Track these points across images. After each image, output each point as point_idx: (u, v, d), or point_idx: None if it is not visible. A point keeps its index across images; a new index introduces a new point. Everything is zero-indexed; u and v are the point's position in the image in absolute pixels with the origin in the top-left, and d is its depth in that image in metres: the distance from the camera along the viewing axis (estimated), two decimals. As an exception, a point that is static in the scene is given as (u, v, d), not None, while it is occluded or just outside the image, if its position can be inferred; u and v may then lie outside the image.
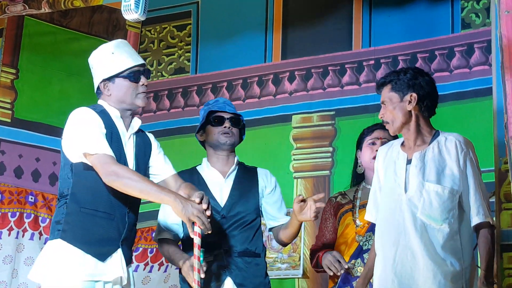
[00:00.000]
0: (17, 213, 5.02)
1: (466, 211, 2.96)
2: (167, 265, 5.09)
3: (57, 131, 5.23)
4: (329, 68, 5.09)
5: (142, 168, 3.12)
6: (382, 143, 3.43)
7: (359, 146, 3.60)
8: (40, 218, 5.08)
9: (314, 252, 3.58)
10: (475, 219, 2.91)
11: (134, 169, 3.06)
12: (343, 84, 5.03)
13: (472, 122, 4.53)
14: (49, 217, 5.10)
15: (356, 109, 4.91)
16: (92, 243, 2.93)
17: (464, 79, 4.65)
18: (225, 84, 5.39)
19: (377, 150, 3.40)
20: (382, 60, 4.92)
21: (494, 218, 3.09)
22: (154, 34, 5.76)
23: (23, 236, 5.01)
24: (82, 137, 2.96)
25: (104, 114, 3.05)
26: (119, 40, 3.25)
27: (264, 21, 5.35)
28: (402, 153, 3.05)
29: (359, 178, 3.61)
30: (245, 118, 3.57)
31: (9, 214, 5.00)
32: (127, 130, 3.11)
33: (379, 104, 3.17)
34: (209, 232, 2.92)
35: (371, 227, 3.36)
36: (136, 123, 3.14)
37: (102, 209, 2.97)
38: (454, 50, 4.73)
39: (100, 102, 3.14)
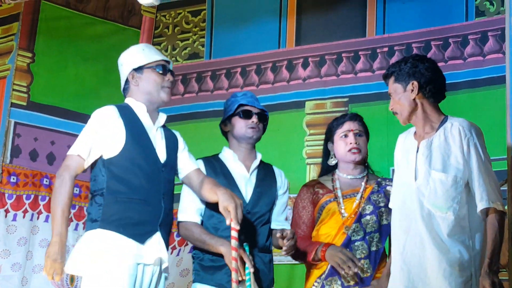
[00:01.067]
0: (32, 196, 5.07)
1: (474, 197, 2.95)
2: (180, 249, 5.12)
3: (73, 115, 5.30)
4: (343, 54, 5.09)
5: (173, 158, 3.25)
6: (355, 135, 3.47)
7: (330, 138, 3.59)
8: (55, 201, 5.13)
9: (304, 243, 3.46)
10: (479, 205, 2.88)
11: (165, 159, 3.19)
12: (356, 71, 5.03)
13: (485, 110, 4.52)
14: (64, 199, 5.15)
15: (370, 96, 4.92)
16: (130, 226, 3.03)
17: (478, 67, 4.64)
18: (239, 69, 5.41)
19: (350, 143, 3.45)
20: (396, 48, 4.92)
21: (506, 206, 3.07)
22: (169, 19, 5.78)
23: (38, 218, 5.07)
24: (79, 138, 3.15)
25: (127, 110, 3.18)
26: (147, 43, 3.43)
27: (278, 7, 5.35)
28: (413, 141, 3.06)
29: (329, 168, 3.61)
30: (258, 104, 3.60)
31: (24, 196, 5.05)
32: (153, 124, 3.23)
33: (392, 91, 3.18)
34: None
35: (358, 218, 3.38)
36: (162, 117, 3.27)
37: (137, 197, 3.08)
38: (468, 38, 4.72)
39: (126, 100, 3.27)
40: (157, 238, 3.08)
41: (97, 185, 3.12)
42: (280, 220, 3.50)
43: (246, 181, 3.43)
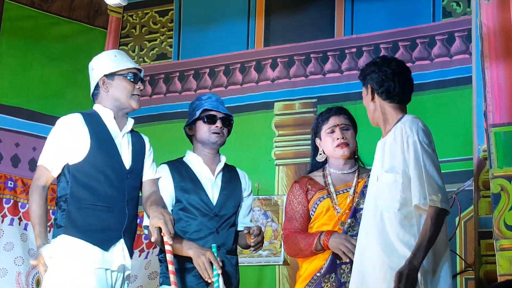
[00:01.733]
0: (-4, 199, 4.99)
1: None
2: (148, 251, 5.09)
3: (38, 116, 5.21)
4: (312, 55, 5.09)
5: (139, 165, 3.26)
6: (341, 129, 3.46)
7: (317, 134, 3.57)
8: (19, 204, 5.05)
9: (301, 235, 3.41)
10: (413, 201, 2.84)
11: (130, 165, 3.20)
12: (325, 72, 5.04)
13: (452, 110, 4.56)
14: (28, 202, 5.07)
15: (338, 97, 4.92)
16: (94, 233, 3.05)
17: (445, 68, 4.67)
18: (207, 70, 5.38)
19: (337, 138, 3.43)
20: (364, 48, 4.94)
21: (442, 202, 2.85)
22: (136, 19, 5.73)
23: (2, 221, 4.98)
24: (44, 147, 3.19)
25: (93, 117, 3.19)
26: (119, 50, 3.45)
27: (246, 7, 5.34)
28: (380, 143, 3.09)
29: (318, 164, 3.59)
30: (227, 105, 3.58)
31: (-12, 199, 4.97)
32: (120, 130, 3.23)
33: (360, 92, 3.20)
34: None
35: (353, 213, 3.36)
36: (130, 123, 3.27)
37: (101, 203, 3.09)
38: (435, 39, 4.75)
39: (95, 106, 3.27)
40: (121, 245, 3.09)
41: (61, 191, 3.14)
42: (245, 222, 3.50)
43: (212, 184, 3.42)
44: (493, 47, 2.72)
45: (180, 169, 3.41)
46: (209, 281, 3.17)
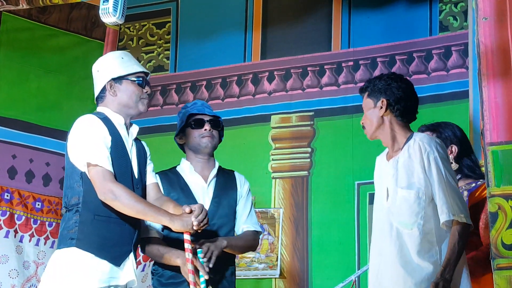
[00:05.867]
0: (-8, 211, 4.97)
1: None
2: (145, 264, 5.07)
3: (34, 128, 5.20)
4: (308, 68, 5.10)
5: (143, 173, 3.15)
6: None
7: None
8: (15, 216, 5.03)
9: None
10: (441, 218, 2.89)
11: (137, 174, 3.09)
12: (322, 85, 5.04)
13: (449, 124, 4.56)
14: (25, 214, 5.06)
15: (335, 110, 4.93)
16: (108, 249, 2.95)
17: (442, 82, 4.69)
18: (204, 83, 5.38)
19: None
20: (361, 62, 4.95)
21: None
22: (133, 32, 5.74)
23: (-3, 233, 4.97)
24: (86, 147, 2.98)
25: (107, 122, 3.06)
26: (125, 51, 3.33)
27: (243, 20, 5.35)
28: (385, 161, 3.09)
29: None
30: (224, 118, 3.56)
31: (-16, 211, 4.95)
32: (128, 136, 3.13)
33: (357, 105, 3.21)
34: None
35: None
36: (135, 129, 3.17)
37: (115, 215, 2.98)
38: (432, 53, 4.77)
39: (100, 109, 3.14)
40: (131, 260, 3.01)
41: (72, 199, 3.01)
42: (246, 225, 3.38)
43: (203, 193, 3.34)
44: (490, 66, 2.72)
45: (171, 179, 3.34)
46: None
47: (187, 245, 3.03)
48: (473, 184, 3.31)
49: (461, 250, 2.85)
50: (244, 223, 3.39)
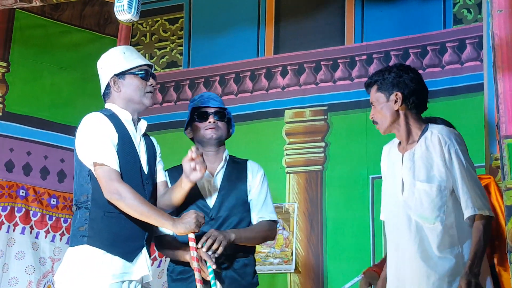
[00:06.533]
0: (8, 207, 4.99)
1: (460, 205, 2.91)
2: (161, 260, 5.08)
3: (48, 125, 5.23)
4: (322, 63, 5.09)
5: (152, 169, 3.15)
6: None
7: None
8: (31, 212, 5.06)
9: None
10: (465, 213, 2.85)
11: (146, 170, 3.09)
12: (335, 79, 5.03)
13: (463, 117, 4.53)
14: (40, 211, 5.09)
15: (348, 104, 4.92)
16: (119, 245, 2.96)
17: (456, 75, 4.66)
18: (217, 78, 5.39)
19: None
20: (374, 55, 4.93)
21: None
22: (146, 28, 5.74)
23: (14, 230, 4.99)
24: (93, 146, 2.99)
25: (114, 118, 3.06)
26: (128, 46, 3.31)
27: (256, 15, 5.34)
28: (398, 153, 3.03)
29: None
30: (237, 113, 3.57)
31: (0, 208, 4.98)
32: (136, 132, 3.12)
33: (371, 99, 3.17)
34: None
35: None
36: (143, 125, 3.16)
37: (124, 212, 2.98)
38: (446, 46, 4.74)
39: (108, 105, 3.14)
40: (144, 255, 3.02)
41: (81, 196, 3.02)
42: (260, 215, 3.34)
43: (209, 186, 3.32)
44: (505, 58, 2.70)
45: (176, 175, 3.28)
46: (207, 278, 3.07)
47: (192, 244, 3.03)
48: None
49: (486, 243, 2.82)
50: (258, 213, 3.35)
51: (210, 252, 3.10)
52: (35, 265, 4.97)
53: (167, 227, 3.01)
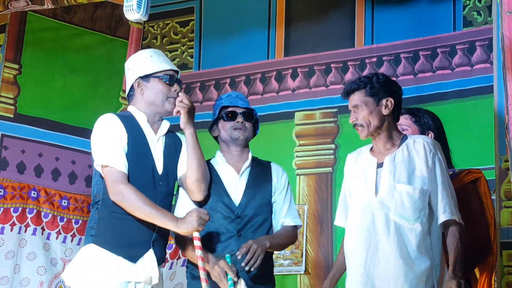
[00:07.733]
0: (20, 208, 5.03)
1: (434, 211, 3.00)
2: (172, 262, 5.09)
3: (60, 127, 5.27)
4: (332, 65, 5.10)
5: (170, 166, 3.14)
6: None
7: None
8: (42, 213, 5.10)
9: None
10: (442, 217, 2.96)
11: (161, 170, 3.10)
12: (345, 82, 5.02)
13: (473, 120, 4.54)
14: (51, 212, 5.12)
15: (358, 107, 4.91)
16: (123, 246, 2.98)
17: (466, 77, 4.66)
18: (228, 80, 5.40)
19: None
20: (384, 58, 4.93)
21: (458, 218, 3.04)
22: (157, 30, 5.77)
23: (25, 231, 5.02)
24: (100, 147, 3.03)
25: (130, 120, 3.09)
26: (156, 49, 3.32)
27: (267, 17, 5.36)
28: (371, 158, 3.11)
29: None
30: (247, 115, 3.55)
31: (12, 209, 5.01)
32: (155, 133, 3.14)
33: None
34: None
35: None
36: (165, 125, 3.18)
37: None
38: (456, 48, 4.74)
39: (129, 107, 3.17)
40: (149, 256, 3.02)
41: (95, 197, 3.06)
42: (284, 219, 3.35)
43: (235, 184, 3.32)
44: (515, 60, 2.71)
45: None
46: None
47: (196, 242, 3.04)
48: (451, 172, 3.32)
49: (463, 249, 2.94)
50: (285, 217, 3.36)
51: (247, 268, 3.10)
52: (46, 266, 5.01)
53: (170, 228, 3.01)
